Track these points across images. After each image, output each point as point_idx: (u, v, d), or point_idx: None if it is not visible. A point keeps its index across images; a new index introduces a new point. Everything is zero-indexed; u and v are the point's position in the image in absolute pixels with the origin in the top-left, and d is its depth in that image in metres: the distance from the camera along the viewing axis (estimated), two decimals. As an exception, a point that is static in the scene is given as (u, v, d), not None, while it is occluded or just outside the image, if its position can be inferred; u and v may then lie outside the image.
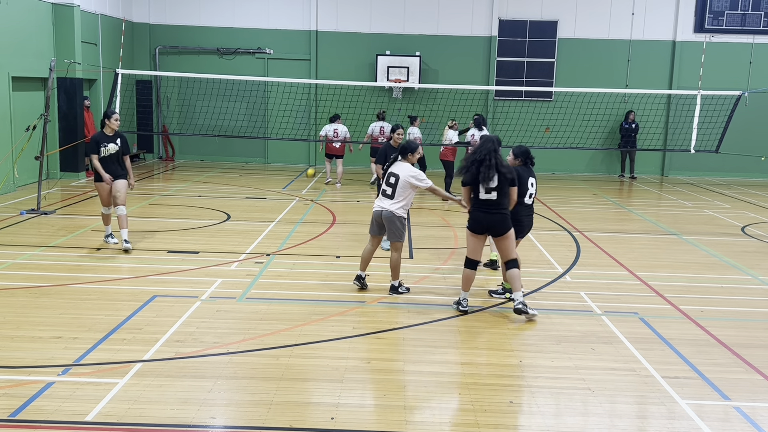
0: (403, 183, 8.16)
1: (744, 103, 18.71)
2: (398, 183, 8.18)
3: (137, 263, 9.47)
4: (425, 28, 21.33)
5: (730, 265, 10.38)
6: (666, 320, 7.78)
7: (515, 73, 21.23)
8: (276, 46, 21.47)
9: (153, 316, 7.37)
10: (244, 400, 5.55)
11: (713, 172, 21.55)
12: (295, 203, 14.73)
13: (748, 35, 21.10)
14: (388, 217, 8.16)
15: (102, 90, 19.14)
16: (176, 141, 22.13)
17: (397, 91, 21.12)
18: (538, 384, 6.01)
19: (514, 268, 7.70)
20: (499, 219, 7.62)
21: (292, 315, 7.53)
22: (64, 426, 5.02)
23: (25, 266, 9.11)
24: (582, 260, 10.36)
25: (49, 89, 13.29)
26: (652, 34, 21.27)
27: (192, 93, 19.35)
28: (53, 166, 16.73)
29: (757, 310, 8.32)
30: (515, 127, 19.50)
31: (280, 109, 19.21)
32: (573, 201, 16.23)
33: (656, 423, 5.40)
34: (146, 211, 13.48)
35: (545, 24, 21.19)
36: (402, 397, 5.68)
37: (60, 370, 5.95)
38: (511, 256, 7.73)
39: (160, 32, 21.52)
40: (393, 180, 8.22)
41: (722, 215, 14.69)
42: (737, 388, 6.00)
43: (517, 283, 7.65)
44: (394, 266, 8.34)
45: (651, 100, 20.68)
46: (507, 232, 7.66)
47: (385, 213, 8.19)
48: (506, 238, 7.68)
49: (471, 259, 7.79)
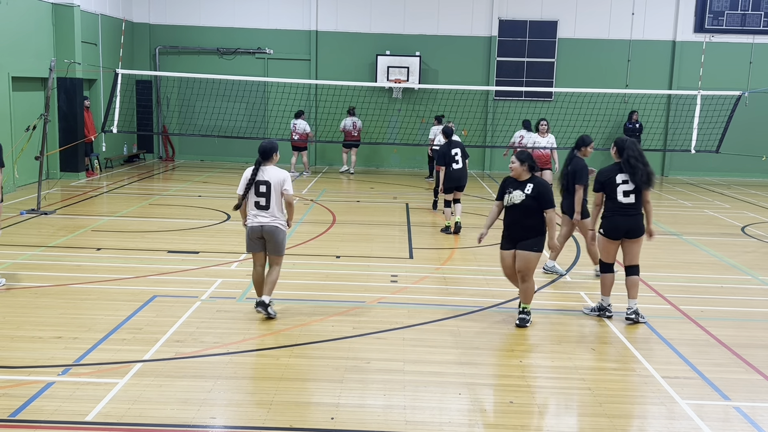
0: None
1: (744, 103, 18.72)
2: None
3: (137, 263, 9.46)
4: (425, 28, 21.33)
5: (730, 265, 10.38)
6: (666, 320, 7.78)
7: (515, 73, 21.23)
8: (276, 46, 21.47)
9: (153, 316, 7.36)
10: (244, 400, 5.55)
11: (713, 172, 21.55)
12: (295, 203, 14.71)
13: (748, 35, 21.10)
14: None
15: (102, 90, 19.15)
16: (176, 141, 22.14)
17: (397, 91, 21.13)
18: (538, 384, 6.01)
19: (635, 275, 7.65)
20: (637, 222, 7.51)
21: (292, 315, 7.53)
22: (64, 426, 5.02)
23: (25, 266, 9.10)
24: (582, 260, 10.36)
25: (49, 89, 13.29)
26: (652, 34, 21.28)
27: (192, 93, 19.35)
28: (53, 166, 16.73)
29: (757, 310, 8.32)
30: (515, 128, 19.50)
31: (280, 109, 19.20)
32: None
33: (656, 423, 5.40)
34: (146, 211, 13.48)
35: (545, 24, 21.20)
36: (402, 397, 5.68)
37: (60, 370, 5.95)
38: (636, 261, 7.64)
39: (160, 32, 21.52)
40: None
41: (722, 215, 14.69)
42: (737, 388, 6.00)
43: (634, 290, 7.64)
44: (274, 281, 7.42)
45: (651, 100, 20.68)
46: (642, 235, 7.56)
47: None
48: (639, 241, 7.57)
49: (608, 263, 7.68)
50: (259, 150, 7.24)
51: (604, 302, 7.76)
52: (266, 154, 7.20)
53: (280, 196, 7.23)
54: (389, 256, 10.21)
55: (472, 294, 8.52)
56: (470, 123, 20.31)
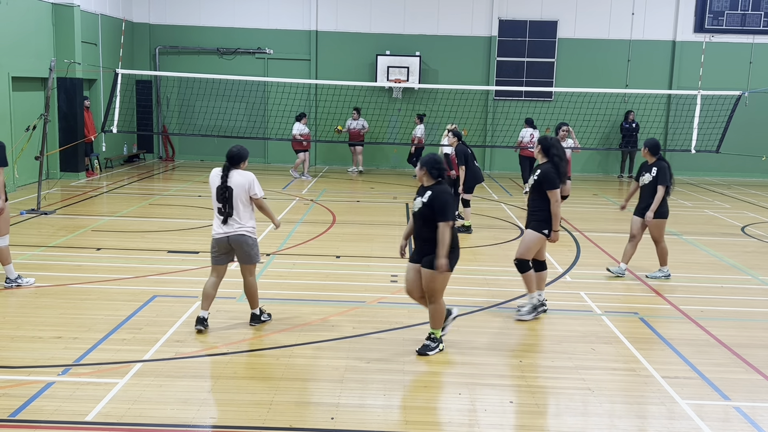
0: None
1: (744, 103, 18.71)
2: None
3: (137, 263, 9.46)
4: (425, 28, 21.33)
5: (730, 265, 10.38)
6: (666, 320, 7.78)
7: (515, 73, 21.23)
8: (276, 46, 21.47)
9: (153, 316, 7.36)
10: (244, 400, 5.55)
11: (713, 172, 21.56)
12: (295, 203, 14.73)
13: (748, 35, 21.11)
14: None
15: (102, 90, 19.15)
16: (176, 141, 22.13)
17: (397, 91, 21.13)
18: (538, 384, 6.01)
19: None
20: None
21: (292, 315, 7.53)
22: (64, 426, 5.02)
23: (25, 266, 9.10)
24: (582, 260, 10.36)
25: (49, 89, 13.29)
26: (652, 34, 21.28)
27: (192, 93, 19.35)
28: (53, 166, 16.73)
29: (757, 310, 8.32)
30: (515, 128, 19.50)
31: (280, 109, 19.20)
32: (573, 201, 16.18)
33: (656, 423, 5.40)
34: (146, 211, 13.48)
35: (545, 24, 21.19)
36: (402, 397, 5.68)
37: (60, 370, 5.95)
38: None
39: (160, 32, 21.52)
40: None
41: (722, 215, 14.69)
42: (737, 388, 6.00)
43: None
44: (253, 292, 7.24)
45: (651, 100, 20.68)
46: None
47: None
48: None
49: (528, 261, 7.69)
50: (227, 154, 6.85)
51: (533, 299, 7.65)
52: (233, 159, 6.82)
53: (247, 203, 6.86)
54: (389, 256, 10.21)
55: (472, 294, 8.52)
56: (470, 123, 20.31)
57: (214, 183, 6.85)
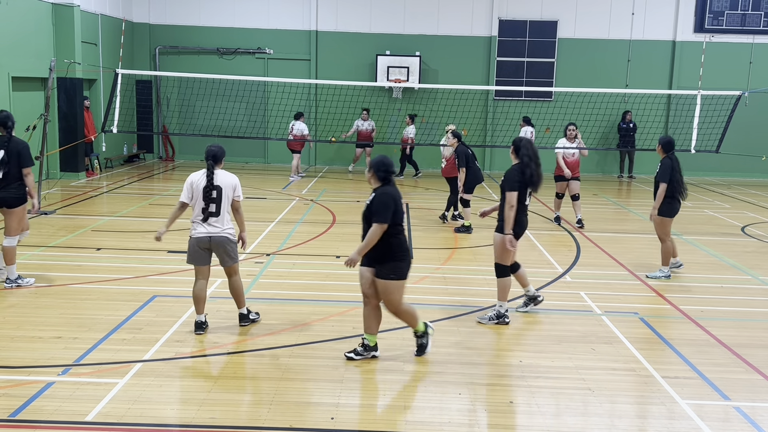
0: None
1: (744, 103, 18.69)
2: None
3: (137, 263, 9.47)
4: (425, 28, 21.33)
5: (730, 265, 10.38)
6: (666, 320, 7.78)
7: (515, 73, 21.23)
8: (276, 46, 21.47)
9: (153, 316, 7.36)
10: (244, 400, 5.55)
11: (713, 172, 21.55)
12: (295, 203, 14.73)
13: (748, 35, 21.11)
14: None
15: (102, 90, 19.15)
16: (176, 141, 22.13)
17: (397, 91, 21.13)
18: (538, 384, 6.01)
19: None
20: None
21: (292, 315, 7.53)
22: (64, 426, 5.02)
23: (25, 266, 9.10)
24: (582, 260, 10.36)
25: (49, 89, 13.29)
26: (652, 34, 21.27)
27: (192, 93, 19.34)
28: (53, 166, 16.73)
29: (757, 310, 8.32)
30: (515, 128, 19.52)
31: (280, 109, 19.20)
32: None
33: (656, 423, 5.40)
34: (146, 211, 13.48)
35: (545, 24, 21.19)
36: (402, 397, 5.68)
37: (60, 370, 5.95)
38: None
39: (160, 32, 21.52)
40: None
41: (722, 215, 14.69)
42: (737, 388, 6.00)
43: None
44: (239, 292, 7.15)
45: (651, 100, 20.66)
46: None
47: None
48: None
49: (507, 266, 7.55)
50: (210, 153, 6.72)
51: (502, 308, 7.47)
52: (218, 157, 6.74)
53: (229, 203, 6.77)
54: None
55: (472, 294, 8.52)
56: (470, 123, 20.32)
57: (199, 184, 6.73)
